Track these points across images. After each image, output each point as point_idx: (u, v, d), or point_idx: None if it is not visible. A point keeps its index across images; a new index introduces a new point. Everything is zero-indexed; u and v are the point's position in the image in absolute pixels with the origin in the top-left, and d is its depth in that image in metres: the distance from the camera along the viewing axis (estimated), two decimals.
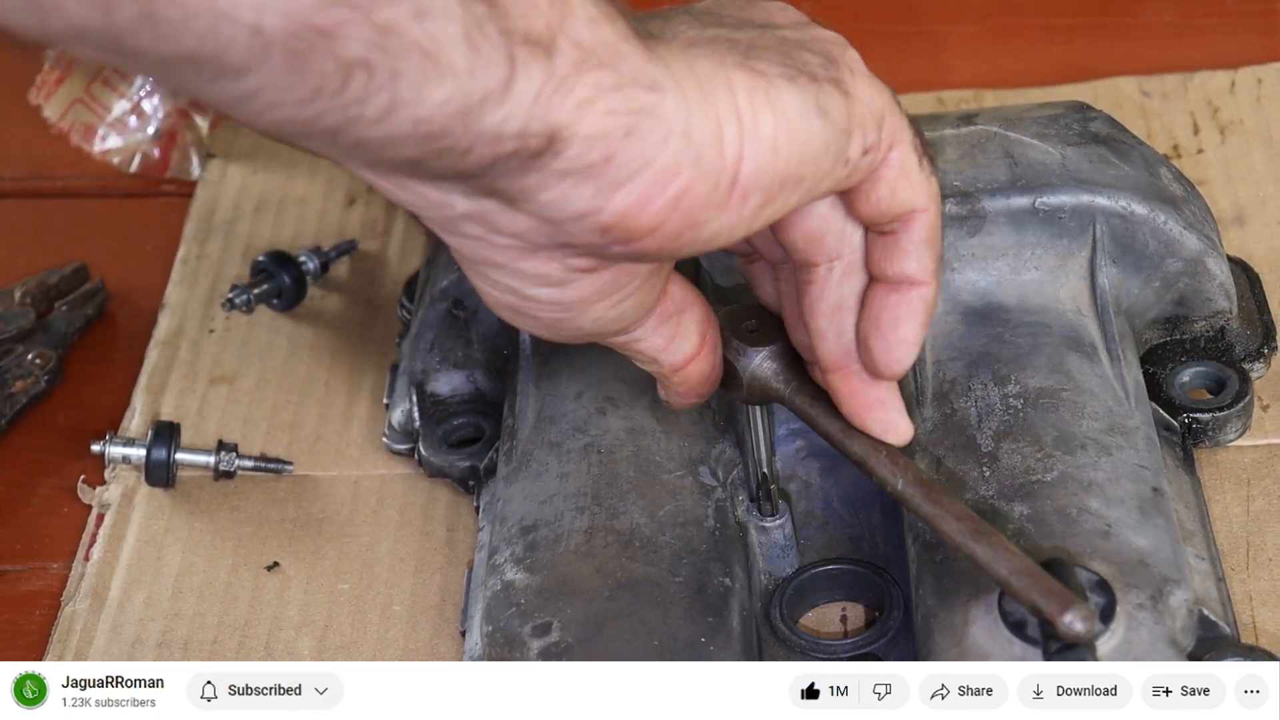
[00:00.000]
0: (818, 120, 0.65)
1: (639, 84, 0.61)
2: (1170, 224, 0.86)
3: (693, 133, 0.62)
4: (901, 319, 0.72)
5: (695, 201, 0.64)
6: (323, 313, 1.02)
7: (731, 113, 0.63)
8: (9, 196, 1.14)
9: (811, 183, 0.67)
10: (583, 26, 0.60)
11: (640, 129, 0.61)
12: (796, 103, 0.65)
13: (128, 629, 0.87)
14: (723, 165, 0.64)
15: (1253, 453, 0.87)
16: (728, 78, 0.64)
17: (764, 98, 0.64)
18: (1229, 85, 1.09)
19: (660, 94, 0.62)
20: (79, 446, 0.95)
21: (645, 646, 0.75)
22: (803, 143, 0.65)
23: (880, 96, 0.69)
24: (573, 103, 0.60)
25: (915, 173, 0.70)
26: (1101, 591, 0.71)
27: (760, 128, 0.64)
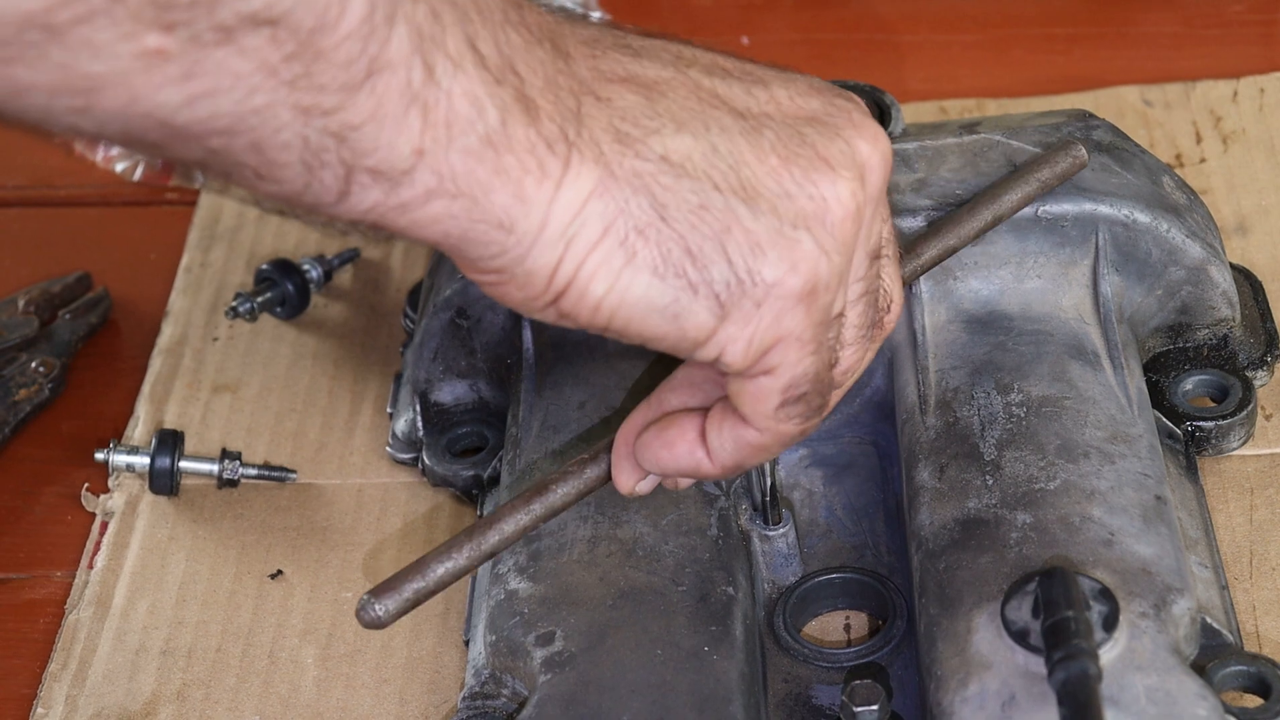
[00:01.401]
0: (657, 316, 0.65)
1: (490, 220, 0.63)
2: (1173, 232, 0.86)
3: (527, 260, 0.64)
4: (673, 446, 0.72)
5: (506, 296, 0.66)
6: (326, 321, 1.02)
7: (576, 260, 0.64)
8: (12, 205, 1.14)
9: (644, 341, 0.67)
10: (455, 158, 0.61)
11: (472, 244, 0.63)
12: (642, 292, 0.65)
13: (131, 637, 0.87)
14: (545, 290, 0.65)
15: (1256, 462, 0.87)
16: (601, 237, 0.64)
17: (612, 271, 0.64)
18: (1231, 95, 1.09)
19: (508, 232, 0.63)
20: (83, 455, 0.95)
21: (648, 655, 0.75)
22: (629, 320, 0.66)
23: (775, 333, 0.66)
24: (408, 220, 0.62)
25: (765, 406, 0.68)
26: (1104, 600, 0.71)
27: (591, 288, 0.65)
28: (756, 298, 0.65)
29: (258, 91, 0.57)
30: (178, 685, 0.84)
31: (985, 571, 0.75)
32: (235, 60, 0.56)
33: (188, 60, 0.56)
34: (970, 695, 0.71)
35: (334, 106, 0.58)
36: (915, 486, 0.80)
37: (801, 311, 0.66)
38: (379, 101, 0.59)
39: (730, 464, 0.71)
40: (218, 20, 0.55)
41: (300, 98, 0.58)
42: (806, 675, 0.80)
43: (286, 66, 0.57)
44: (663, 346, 0.67)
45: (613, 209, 0.64)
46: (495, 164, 0.62)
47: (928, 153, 0.88)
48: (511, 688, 0.77)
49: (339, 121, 0.59)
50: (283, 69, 0.57)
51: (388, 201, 0.61)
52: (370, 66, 0.58)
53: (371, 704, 0.83)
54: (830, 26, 1.20)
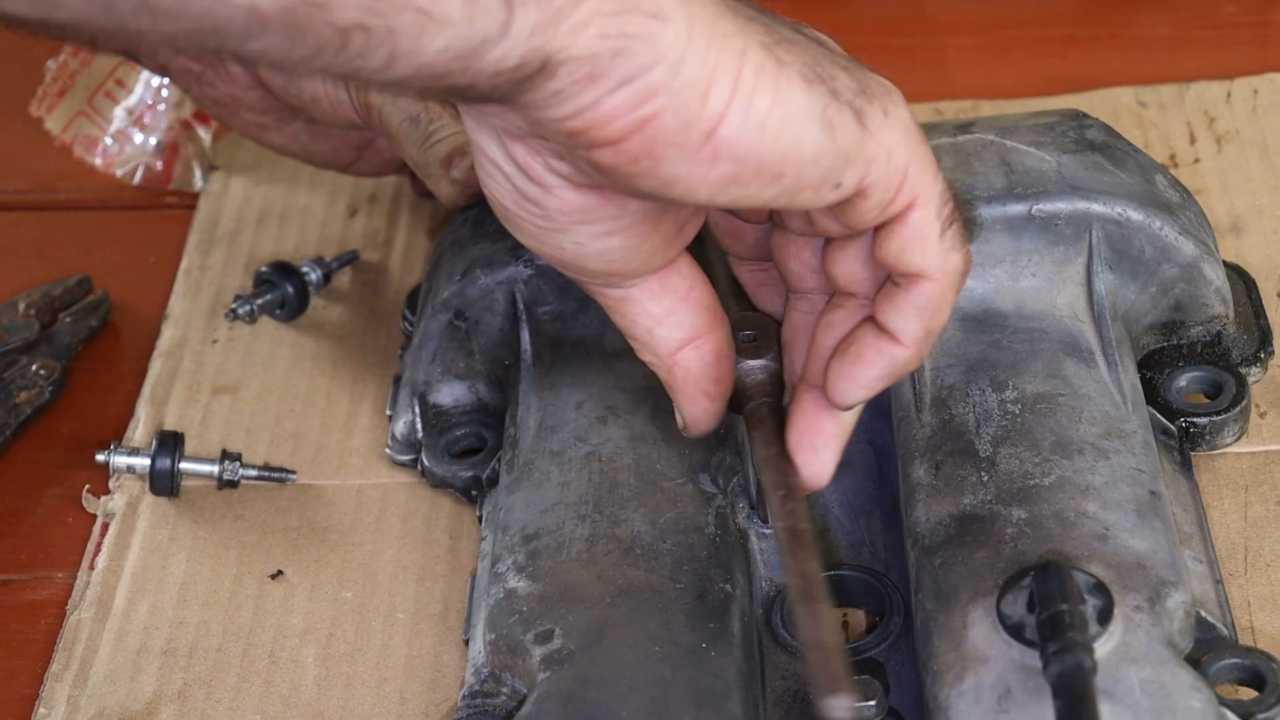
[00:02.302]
0: (816, 127, 0.66)
1: (641, 10, 0.62)
2: (1166, 230, 0.87)
3: (682, 68, 0.63)
4: (866, 361, 0.72)
5: (661, 133, 0.64)
6: (325, 323, 1.03)
7: (731, 74, 0.64)
8: (12, 209, 1.15)
9: (791, 184, 0.67)
10: None
11: (629, 50, 0.62)
12: (801, 101, 0.65)
13: (132, 637, 0.87)
14: (702, 113, 0.64)
15: (1250, 460, 0.88)
16: (745, 47, 0.64)
17: (770, 80, 0.65)
18: (1225, 95, 1.09)
19: (662, 23, 0.62)
20: (83, 456, 0.95)
21: (647, 652, 0.76)
22: (791, 140, 0.65)
23: (906, 151, 0.68)
24: (567, 29, 0.61)
25: (931, 241, 0.70)
26: (1099, 594, 0.71)
27: (754, 102, 0.64)
28: (882, 106, 0.67)
29: None
30: (179, 685, 0.85)
31: (981, 567, 0.75)
32: None
33: None
34: (966, 689, 0.71)
35: None
36: (911, 483, 0.81)
37: (915, 128, 0.68)
38: None
39: (924, 336, 0.71)
40: None
41: None
42: (804, 672, 0.81)
43: None
44: (808, 185, 0.67)
45: (741, 23, 0.64)
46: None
47: None
48: (511, 686, 0.77)
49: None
50: None
51: (545, 16, 0.60)
52: None
53: (372, 703, 0.83)
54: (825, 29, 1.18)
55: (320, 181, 1.11)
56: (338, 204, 1.10)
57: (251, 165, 1.13)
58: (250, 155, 1.13)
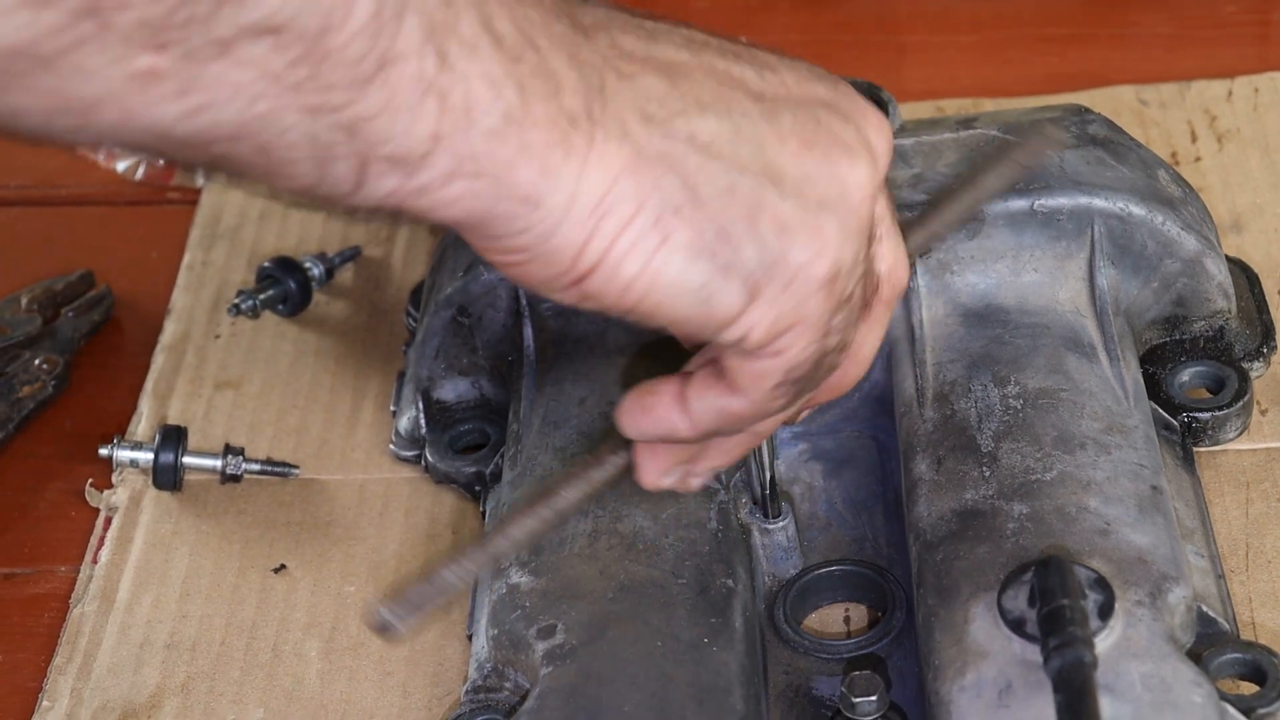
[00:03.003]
0: (688, 297, 0.65)
1: (514, 196, 0.62)
2: (1168, 224, 0.87)
3: (554, 237, 0.63)
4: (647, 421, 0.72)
5: (527, 276, 0.65)
6: (328, 318, 1.03)
7: (606, 239, 0.63)
8: (16, 204, 1.15)
9: (666, 325, 0.67)
10: (476, 138, 0.60)
11: (494, 223, 0.62)
12: (676, 273, 0.64)
13: (135, 631, 0.87)
14: (570, 269, 0.64)
15: (1251, 456, 0.88)
16: (633, 217, 0.63)
17: (645, 252, 0.64)
18: (1226, 94, 1.10)
19: (534, 207, 0.62)
20: (86, 451, 0.95)
21: (649, 647, 0.76)
22: (657, 303, 0.65)
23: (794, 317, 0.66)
24: (428, 203, 0.61)
25: (764, 383, 0.69)
26: (1100, 589, 0.71)
27: (622, 267, 0.64)
28: (785, 279, 0.65)
29: (261, 98, 0.56)
30: (182, 678, 0.85)
31: (982, 562, 0.75)
32: (234, 72, 0.55)
33: (183, 77, 0.55)
34: (967, 684, 0.72)
35: (344, 103, 0.57)
36: (913, 479, 0.81)
37: (823, 295, 0.66)
38: (391, 93, 0.58)
39: (708, 429, 0.71)
40: (214, 35, 0.54)
41: (307, 99, 0.57)
42: (806, 667, 0.81)
43: (291, 71, 0.56)
44: (685, 329, 0.67)
45: (645, 187, 0.63)
46: (518, 141, 0.61)
47: (924, 148, 0.89)
48: (514, 680, 0.78)
49: (350, 116, 0.58)
50: (287, 74, 0.56)
51: (406, 186, 0.60)
52: (381, 60, 0.57)
53: (375, 697, 0.83)
54: (828, 27, 1.20)
55: None
56: None
57: None
58: None
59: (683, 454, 0.74)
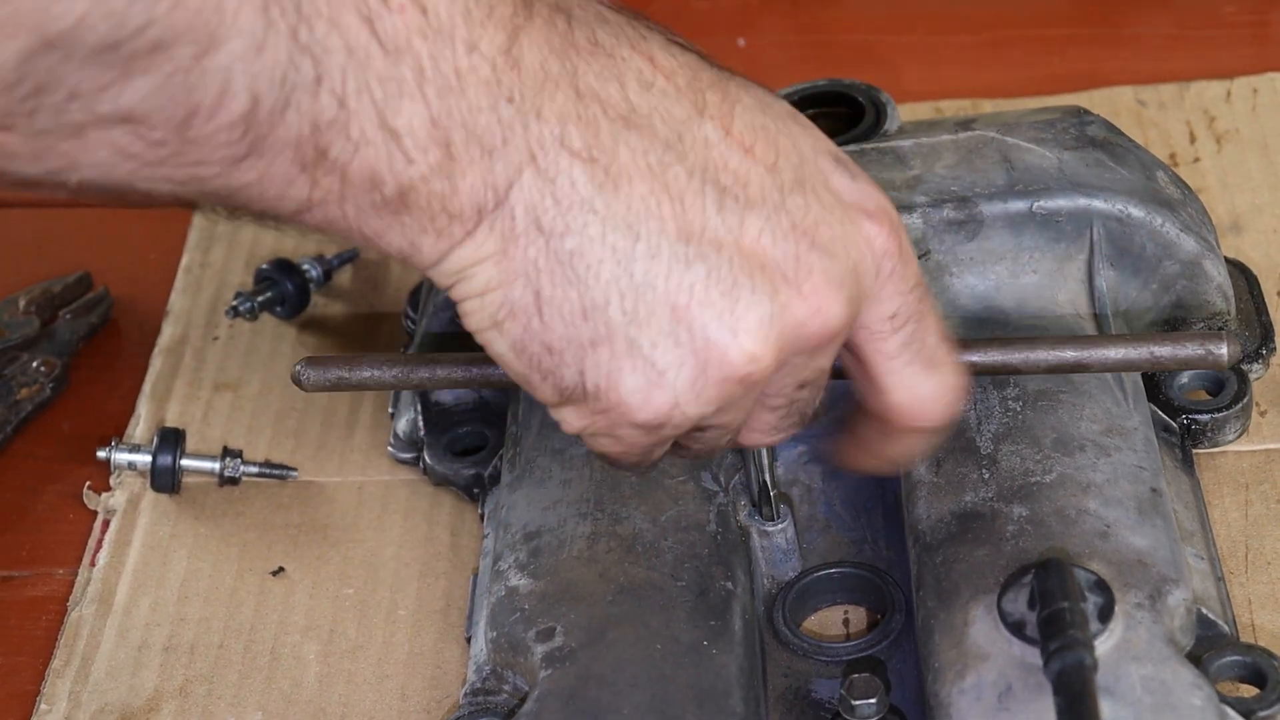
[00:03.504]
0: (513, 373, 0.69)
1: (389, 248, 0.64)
2: (1167, 226, 0.87)
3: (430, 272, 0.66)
4: None
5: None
6: (326, 320, 1.03)
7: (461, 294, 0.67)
8: (13, 206, 1.14)
9: None
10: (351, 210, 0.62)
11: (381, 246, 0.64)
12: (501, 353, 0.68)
13: (134, 633, 0.87)
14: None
15: (1250, 458, 0.88)
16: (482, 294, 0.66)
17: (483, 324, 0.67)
18: (1225, 95, 1.10)
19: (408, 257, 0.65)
20: (84, 453, 0.95)
21: (648, 650, 0.76)
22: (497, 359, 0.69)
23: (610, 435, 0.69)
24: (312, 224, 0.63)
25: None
26: (1100, 591, 0.71)
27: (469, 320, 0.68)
28: (601, 406, 0.67)
29: (120, 168, 0.56)
30: (180, 681, 0.85)
31: (982, 564, 0.75)
32: (89, 151, 0.56)
33: (34, 149, 0.55)
34: (967, 687, 0.72)
35: (213, 175, 0.58)
36: (912, 481, 0.81)
37: (639, 434, 0.68)
38: (264, 172, 0.59)
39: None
40: (65, 120, 0.54)
41: (172, 173, 0.57)
42: (806, 669, 0.81)
43: (153, 150, 0.56)
44: None
45: (496, 280, 0.65)
46: (391, 221, 0.63)
47: (923, 149, 0.89)
48: (513, 683, 0.78)
49: (220, 184, 0.59)
50: (148, 153, 0.56)
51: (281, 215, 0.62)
52: (253, 148, 0.58)
53: (373, 699, 0.83)
54: (827, 28, 1.20)
55: None
56: None
57: None
58: None
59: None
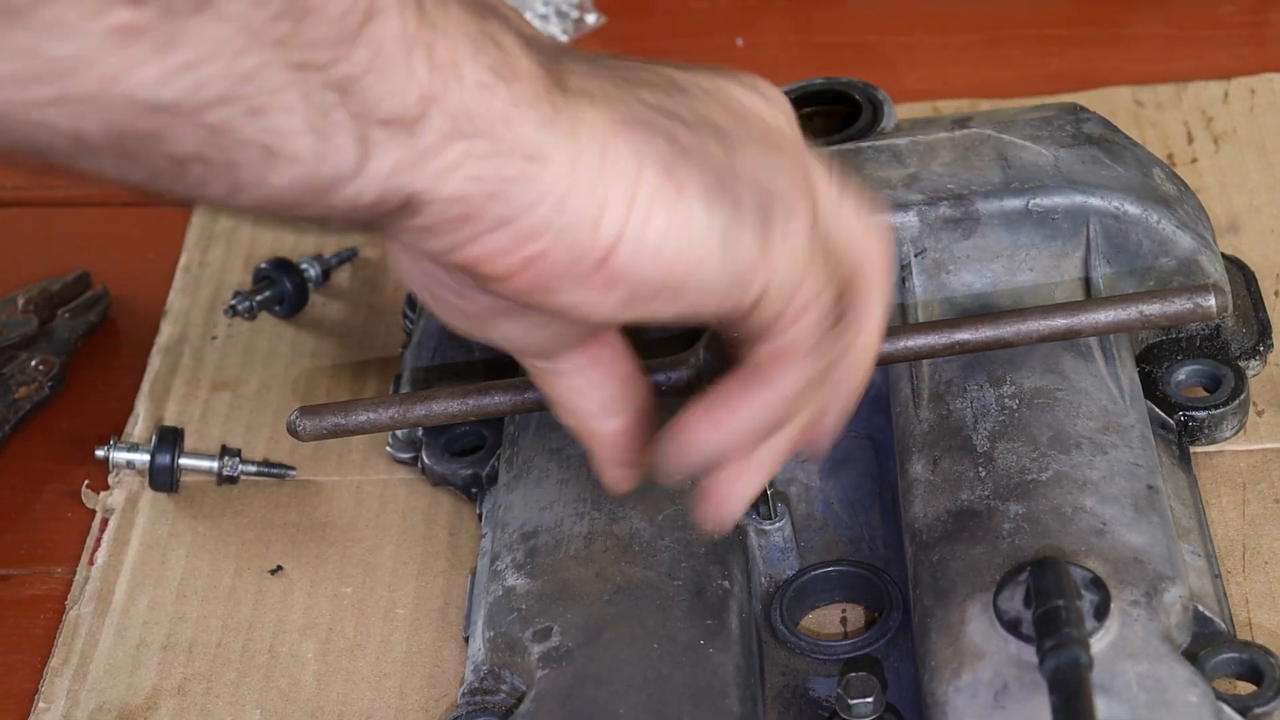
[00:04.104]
0: (716, 248, 0.63)
1: (519, 152, 0.60)
2: (1163, 223, 0.87)
3: (568, 205, 0.61)
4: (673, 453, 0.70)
5: (551, 268, 0.62)
6: (324, 319, 1.03)
7: (623, 203, 0.62)
8: (11, 205, 1.15)
9: (694, 301, 0.65)
10: (469, 93, 0.59)
11: (506, 193, 0.60)
12: (701, 223, 0.63)
13: (132, 632, 0.87)
14: (592, 244, 0.62)
15: (1248, 457, 0.88)
16: (640, 172, 0.62)
17: (668, 204, 0.62)
18: (1222, 95, 1.10)
19: (542, 164, 0.60)
20: (82, 452, 0.95)
21: (645, 649, 0.76)
22: (693, 262, 0.63)
23: (800, 269, 0.66)
24: (433, 170, 0.59)
25: (799, 353, 0.68)
26: (1096, 589, 0.72)
27: (648, 228, 0.62)
28: (785, 211, 0.65)
29: (244, 54, 0.54)
30: (178, 680, 0.85)
31: (978, 562, 0.75)
32: (214, 26, 0.53)
33: (162, 32, 0.53)
34: (963, 685, 0.72)
35: (330, 60, 0.56)
36: (909, 479, 0.81)
37: (811, 242, 0.66)
38: (377, 49, 0.56)
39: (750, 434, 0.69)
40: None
41: (292, 55, 0.55)
42: (803, 668, 0.81)
43: (272, 26, 0.54)
44: (711, 297, 0.64)
45: (638, 144, 0.62)
46: (509, 94, 0.59)
47: (919, 147, 0.89)
48: (510, 683, 0.78)
49: (339, 75, 0.56)
50: (268, 29, 0.54)
51: (408, 156, 0.58)
52: (364, 15, 0.56)
53: (371, 698, 0.83)
54: (825, 27, 1.20)
55: None
56: None
57: None
58: None
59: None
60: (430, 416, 0.78)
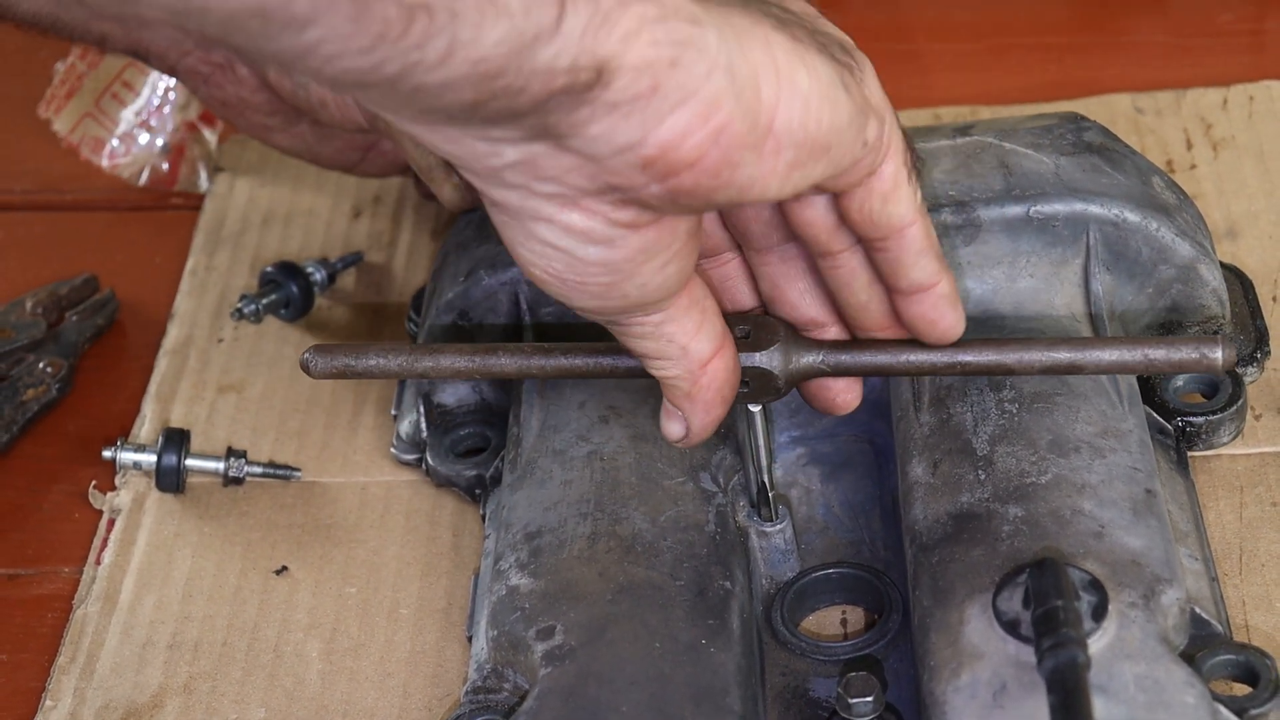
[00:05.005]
0: (843, 93, 0.68)
1: (681, 16, 0.63)
2: (1163, 231, 0.87)
3: (735, 70, 0.64)
4: (935, 320, 0.76)
5: (734, 139, 0.65)
6: (330, 323, 1.04)
7: (769, 63, 0.65)
8: (21, 209, 1.15)
9: (836, 154, 0.69)
10: None
11: (684, 60, 0.63)
12: (827, 72, 0.67)
13: (138, 631, 0.88)
14: (760, 108, 0.65)
15: (1246, 461, 0.88)
16: (765, 35, 0.66)
17: (800, 59, 0.66)
18: (1221, 102, 1.10)
19: (703, 28, 0.63)
20: (90, 453, 0.96)
21: (647, 648, 0.76)
22: (832, 109, 0.67)
23: (883, 99, 0.71)
24: (619, 35, 0.61)
25: (905, 187, 0.72)
26: (1094, 590, 0.72)
27: (796, 83, 0.66)
28: (860, 58, 0.70)
29: None
30: (184, 678, 0.85)
31: (977, 564, 0.76)
32: None
33: None
34: (962, 685, 0.72)
35: None
36: (909, 482, 0.81)
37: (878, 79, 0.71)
38: None
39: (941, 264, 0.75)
40: None
41: None
42: (804, 668, 0.81)
43: None
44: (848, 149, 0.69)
45: (749, 14, 0.66)
46: None
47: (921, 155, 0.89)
48: (513, 681, 0.78)
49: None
50: None
51: (595, 17, 0.60)
52: None
53: (375, 697, 0.84)
54: None
55: (325, 183, 1.11)
56: (342, 205, 1.11)
57: (257, 167, 1.14)
58: (255, 157, 1.14)
59: None
60: (436, 369, 0.79)
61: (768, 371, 0.77)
